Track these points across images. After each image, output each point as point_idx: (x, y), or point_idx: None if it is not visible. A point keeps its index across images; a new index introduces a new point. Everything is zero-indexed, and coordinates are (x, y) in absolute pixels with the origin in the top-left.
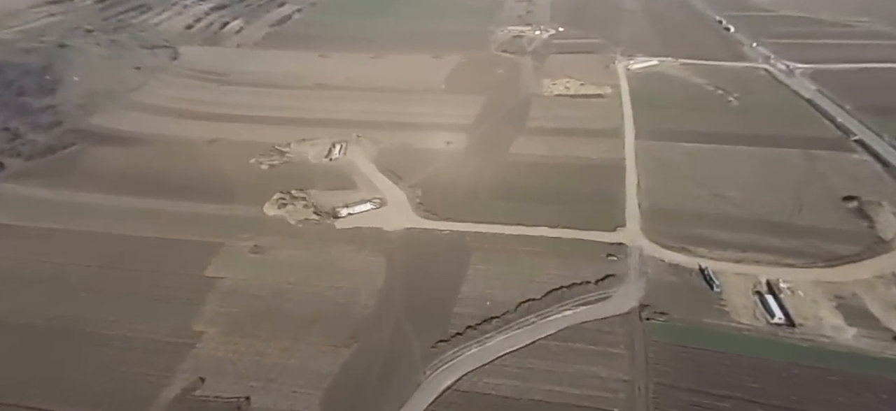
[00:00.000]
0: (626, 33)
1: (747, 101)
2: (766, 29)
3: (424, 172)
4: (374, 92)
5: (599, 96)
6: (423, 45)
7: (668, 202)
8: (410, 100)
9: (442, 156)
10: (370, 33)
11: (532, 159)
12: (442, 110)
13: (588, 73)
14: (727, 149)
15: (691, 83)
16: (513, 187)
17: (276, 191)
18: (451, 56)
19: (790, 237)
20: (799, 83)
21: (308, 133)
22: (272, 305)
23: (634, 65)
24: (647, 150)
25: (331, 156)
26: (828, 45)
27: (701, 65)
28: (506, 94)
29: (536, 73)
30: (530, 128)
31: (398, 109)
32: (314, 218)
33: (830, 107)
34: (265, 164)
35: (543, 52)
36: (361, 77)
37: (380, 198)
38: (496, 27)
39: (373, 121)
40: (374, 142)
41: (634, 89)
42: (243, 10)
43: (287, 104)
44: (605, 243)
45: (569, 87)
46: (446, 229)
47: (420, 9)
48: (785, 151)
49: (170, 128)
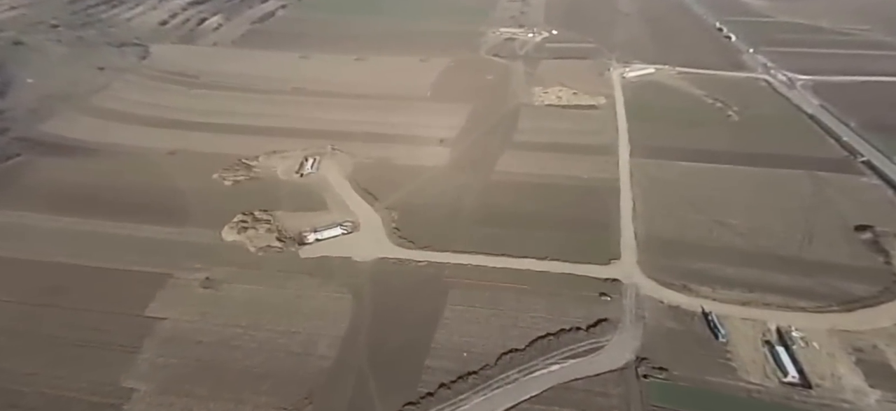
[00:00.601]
0: (621, 37)
1: (747, 115)
2: (765, 36)
3: (402, 192)
4: (354, 98)
5: (593, 107)
6: (410, 47)
7: (666, 230)
8: (393, 108)
9: (422, 174)
10: (356, 32)
11: (519, 178)
12: (425, 120)
13: (581, 81)
14: (728, 169)
15: (689, 94)
16: (497, 211)
17: (238, 212)
18: (438, 59)
19: (800, 274)
20: (800, 96)
21: (279, 144)
22: (217, 356)
23: (630, 72)
24: (642, 169)
25: (302, 172)
26: (828, 55)
27: (699, 74)
28: (494, 103)
29: (527, 80)
30: (518, 143)
31: (379, 119)
32: (277, 245)
33: (834, 124)
34: (229, 180)
35: (536, 56)
36: (342, 81)
37: (351, 222)
38: (488, 28)
39: (350, 131)
40: (350, 156)
41: (629, 100)
42: (224, 6)
43: (260, 111)
44: (597, 279)
45: (561, 97)
46: (423, 260)
47: (411, 6)
48: (789, 173)
49: (128, 137)
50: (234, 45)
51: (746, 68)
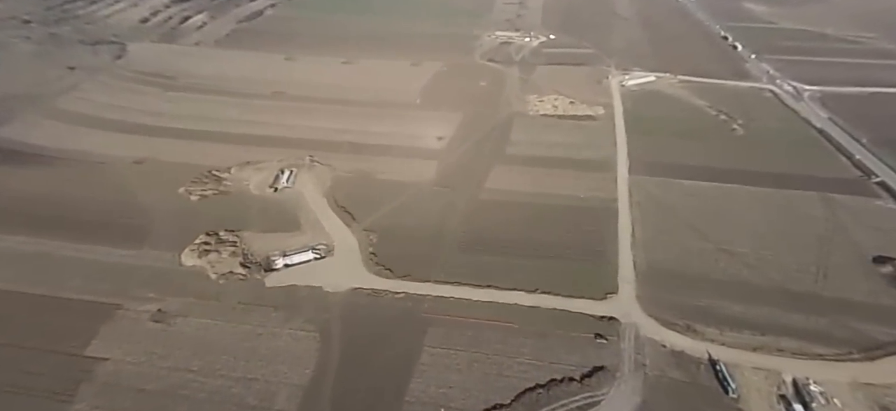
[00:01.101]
0: (620, 43)
1: (753, 129)
2: (770, 43)
3: (383, 211)
4: (338, 105)
5: (590, 118)
6: (401, 50)
7: (667, 259)
8: (379, 115)
9: (406, 190)
10: (347, 33)
11: (510, 197)
12: (413, 130)
13: (579, 89)
14: (733, 189)
15: (691, 105)
16: (484, 235)
17: (202, 232)
18: (430, 63)
19: (816, 313)
20: (808, 109)
21: (255, 154)
22: (161, 408)
23: (629, 81)
24: (642, 188)
25: (276, 186)
26: (835, 64)
27: (701, 83)
28: (486, 112)
29: (522, 88)
30: (510, 156)
31: (363, 127)
32: (241, 272)
33: (845, 140)
34: (196, 195)
35: (532, 61)
36: (327, 85)
37: (325, 245)
38: (483, 31)
39: (332, 140)
40: (329, 169)
41: (629, 110)
42: (209, 3)
43: (238, 116)
44: (593, 317)
45: (556, 106)
46: (400, 291)
47: (404, 7)
48: (799, 194)
49: (92, 144)
50: (217, 44)
51: (751, 77)
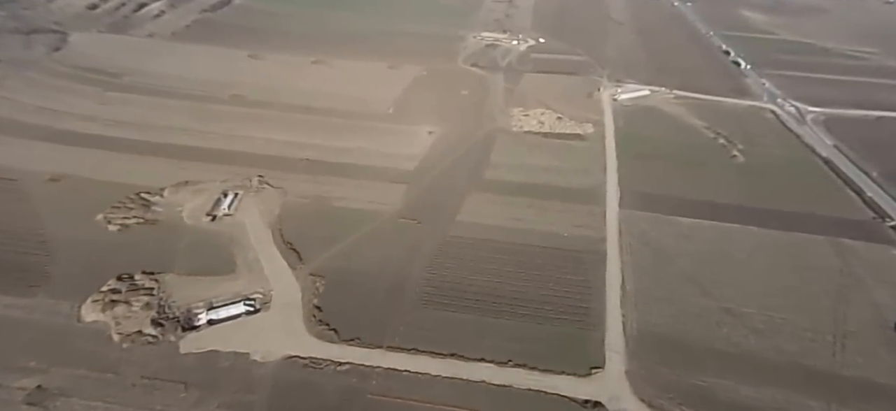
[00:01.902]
0: (613, 51)
1: (754, 156)
2: (768, 56)
3: (337, 249)
4: (301, 113)
5: (579, 137)
6: (379, 50)
7: (662, 321)
8: (346, 128)
9: (367, 222)
10: (321, 29)
11: (485, 234)
12: (382, 146)
13: (568, 102)
14: (735, 230)
15: (688, 126)
16: (452, 285)
17: (114, 276)
18: (409, 67)
19: (836, 400)
20: (812, 134)
21: (197, 172)
22: None
23: (622, 94)
24: (634, 226)
25: (215, 213)
26: (838, 83)
27: (698, 100)
28: (466, 127)
29: (507, 98)
30: (489, 182)
31: (326, 141)
32: (151, 333)
33: (853, 173)
34: (116, 224)
35: (519, 68)
36: (292, 89)
37: (261, 295)
38: (469, 32)
39: (288, 157)
40: (280, 192)
41: (621, 129)
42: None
43: (185, 124)
44: (575, 402)
45: (543, 122)
46: (345, 361)
47: (387, 2)
48: (808, 239)
49: (4, 155)
50: (173, 37)
51: (750, 95)
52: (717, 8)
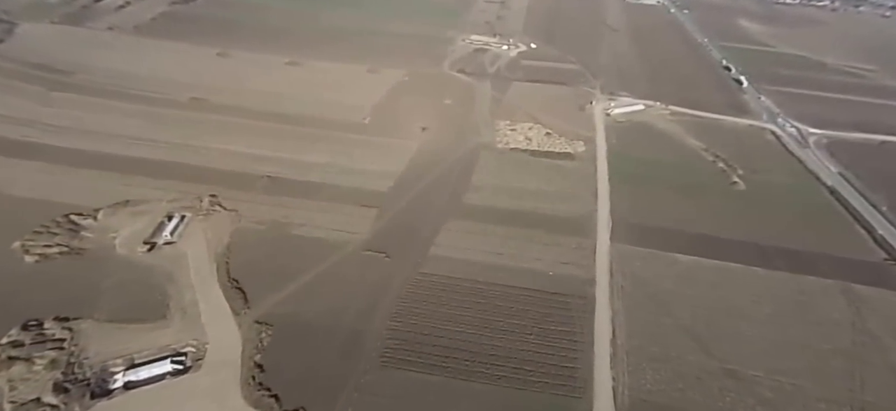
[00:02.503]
0: (607, 59)
1: (756, 183)
2: (766, 70)
3: (290, 289)
4: (268, 120)
5: (568, 157)
6: (360, 51)
7: (659, 389)
8: (316, 139)
9: (328, 256)
10: (300, 26)
11: (460, 271)
12: (354, 162)
13: (558, 115)
14: (738, 272)
15: (685, 146)
16: (419, 339)
17: (20, 322)
18: (390, 71)
19: None
20: (815, 160)
21: (140, 189)
22: None
23: (615, 109)
24: (627, 265)
25: (155, 241)
26: (838, 102)
27: (695, 117)
28: (448, 141)
29: (493, 110)
30: (468, 207)
31: (292, 154)
32: (51, 403)
33: (861, 205)
34: (35, 253)
35: (508, 76)
36: (260, 93)
37: (194, 349)
38: (458, 34)
39: (247, 172)
40: (233, 216)
41: (614, 148)
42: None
43: (136, 131)
44: None
45: (530, 138)
46: None
47: (372, 0)
48: (817, 283)
49: None
50: (136, 31)
51: (749, 112)
52: (713, 16)
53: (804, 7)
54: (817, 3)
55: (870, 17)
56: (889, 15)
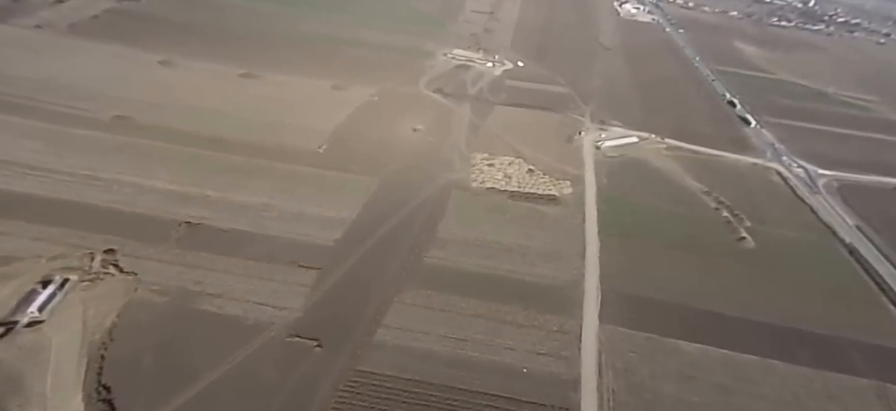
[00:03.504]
0: (599, 82)
1: (765, 238)
2: (766, 100)
3: (176, 402)
4: (204, 146)
5: (553, 201)
6: (326, 63)
7: None
8: (257, 172)
9: (242, 345)
10: (264, 30)
11: (408, 368)
12: (298, 204)
13: (543, 147)
14: (753, 366)
15: (684, 189)
16: None
17: None
18: (358, 89)
19: None
20: (828, 208)
21: (13, 240)
22: None
23: (607, 140)
24: (619, 358)
25: (14, 320)
26: (844, 138)
27: (694, 153)
28: (415, 177)
29: (470, 138)
30: (430, 270)
31: (223, 193)
32: None
33: (887, 272)
34: None
35: (490, 98)
36: (202, 111)
37: None
38: (439, 47)
39: (162, 217)
40: (129, 282)
41: (604, 192)
42: None
43: (27, 158)
44: None
45: (510, 177)
46: None
47: (351, 4)
48: (847, 383)
49: None
50: (70, 30)
51: (751, 148)
52: (709, 37)
53: (799, 30)
54: (812, 26)
55: (865, 44)
56: (884, 42)
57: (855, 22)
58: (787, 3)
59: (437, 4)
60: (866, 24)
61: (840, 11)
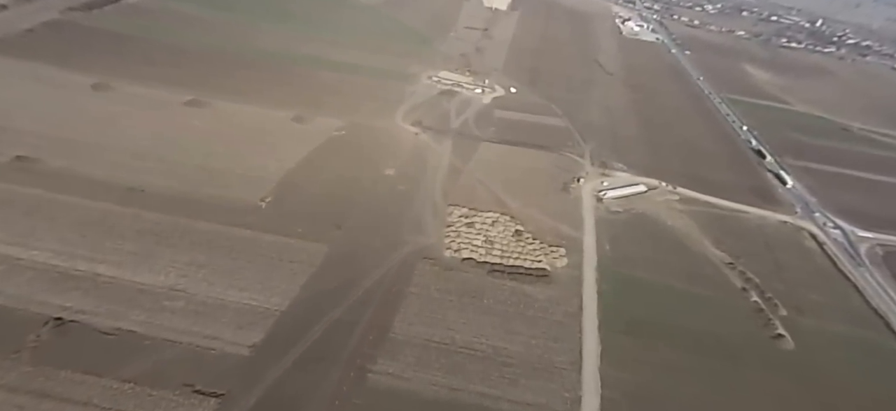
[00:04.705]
0: (600, 114)
1: (806, 338)
2: (786, 137)
3: None
4: (113, 200)
5: (544, 277)
6: (289, 88)
7: None
8: (172, 238)
9: None
10: (223, 48)
11: None
12: (214, 288)
13: (534, 198)
14: None
15: (704, 259)
16: None
17: None
18: (323, 121)
19: None
20: (877, 288)
21: None
22: None
23: (609, 190)
24: None
25: None
26: (879, 187)
27: (711, 207)
28: (372, 245)
29: (449, 187)
30: (373, 397)
31: (116, 272)
32: None
33: None
34: None
35: (476, 132)
36: (125, 152)
37: None
38: (424, 68)
39: (26, 311)
40: None
41: (607, 266)
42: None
43: None
44: None
45: (492, 241)
46: None
47: (331, 17)
48: None
49: None
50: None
51: (777, 201)
52: (717, 60)
53: (810, 53)
54: (823, 49)
55: (879, 69)
56: None
57: (865, 44)
58: (793, 22)
59: (426, 19)
60: (877, 46)
61: (849, 32)
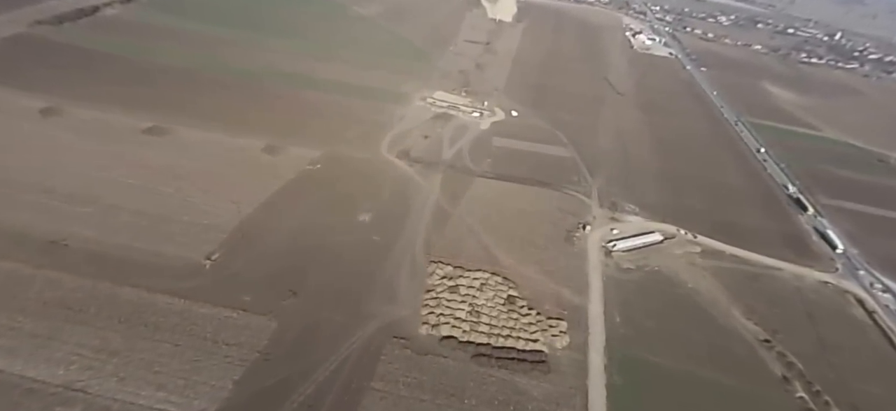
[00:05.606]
0: (610, 142)
1: None
2: (818, 170)
3: None
4: (28, 261)
5: (539, 364)
6: (265, 113)
7: None
8: (87, 312)
9: None
10: (197, 66)
11: None
12: (122, 388)
13: (532, 250)
14: None
15: (734, 336)
16: None
17: None
18: (297, 151)
19: None
20: None
21: None
22: None
23: (620, 239)
24: None
25: None
26: None
27: (739, 262)
28: (331, 320)
29: (433, 237)
30: None
31: (5, 364)
32: None
33: None
34: None
35: (470, 165)
36: (59, 195)
37: None
38: (419, 87)
39: None
40: None
41: (617, 346)
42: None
43: None
44: None
45: (480, 311)
46: None
47: (320, 29)
48: None
49: None
50: None
51: (814, 254)
52: (736, 78)
53: (832, 69)
54: (845, 65)
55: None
56: None
57: (889, 60)
58: (811, 35)
59: (425, 31)
60: None
61: (870, 47)
